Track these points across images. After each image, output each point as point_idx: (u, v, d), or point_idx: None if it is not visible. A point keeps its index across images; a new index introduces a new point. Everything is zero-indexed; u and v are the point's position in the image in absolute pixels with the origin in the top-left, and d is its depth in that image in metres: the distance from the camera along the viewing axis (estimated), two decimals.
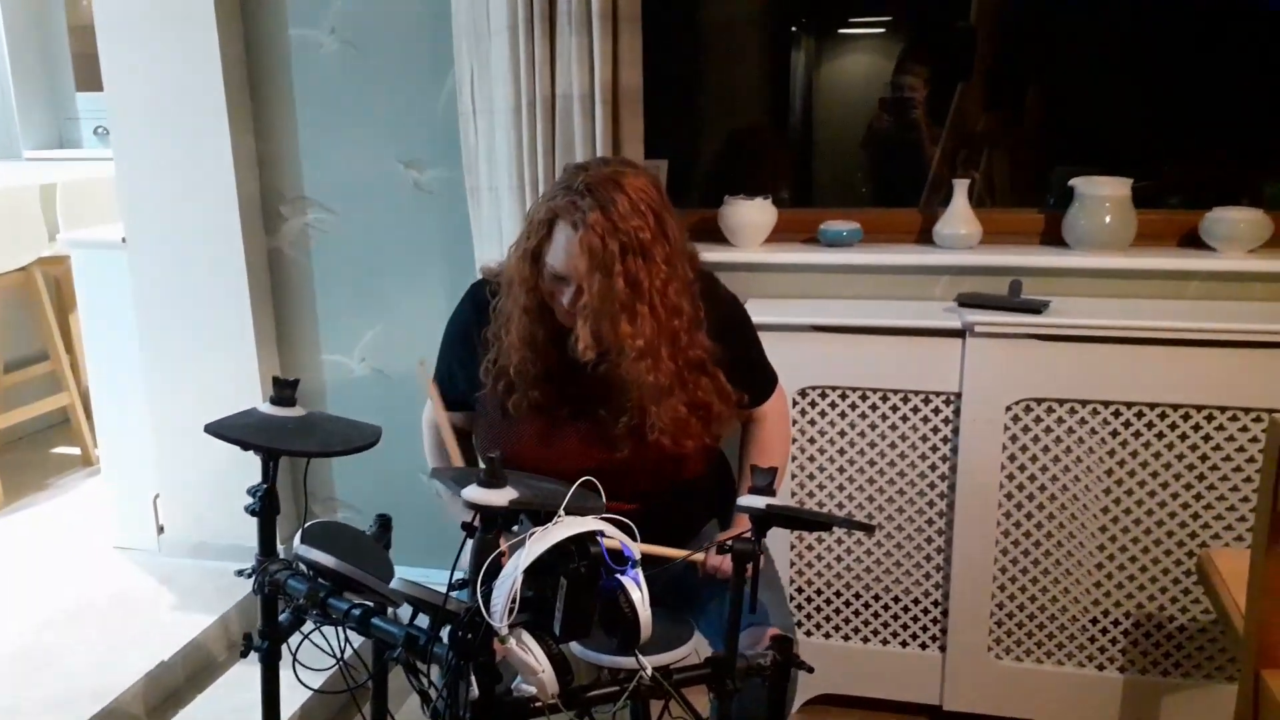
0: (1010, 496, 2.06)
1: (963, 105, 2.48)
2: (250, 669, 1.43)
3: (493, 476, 1.07)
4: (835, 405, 2.11)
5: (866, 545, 2.16)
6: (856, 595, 2.20)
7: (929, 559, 2.14)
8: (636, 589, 1.10)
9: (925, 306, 2.14)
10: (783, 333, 2.04)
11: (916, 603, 2.17)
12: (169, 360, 2.56)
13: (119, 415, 2.70)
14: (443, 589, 1.14)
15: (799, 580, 2.22)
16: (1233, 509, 1.97)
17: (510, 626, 1.04)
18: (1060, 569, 2.07)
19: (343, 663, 1.32)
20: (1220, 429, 1.94)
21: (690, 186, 2.57)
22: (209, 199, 2.42)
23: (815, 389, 2.11)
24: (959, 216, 2.21)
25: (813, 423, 2.13)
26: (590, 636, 1.13)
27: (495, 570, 1.06)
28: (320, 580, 1.28)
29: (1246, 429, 1.93)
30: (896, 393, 2.07)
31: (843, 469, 2.14)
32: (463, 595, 1.11)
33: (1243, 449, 1.94)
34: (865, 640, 2.22)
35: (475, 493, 1.07)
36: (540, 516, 1.09)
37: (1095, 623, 2.09)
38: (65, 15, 4.58)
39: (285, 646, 1.35)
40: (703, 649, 1.49)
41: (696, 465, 1.65)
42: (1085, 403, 1.98)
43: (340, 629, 1.27)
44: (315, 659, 1.31)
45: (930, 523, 2.12)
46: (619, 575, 1.10)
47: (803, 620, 2.24)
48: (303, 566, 1.30)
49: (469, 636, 1.06)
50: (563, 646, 1.09)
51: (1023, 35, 2.48)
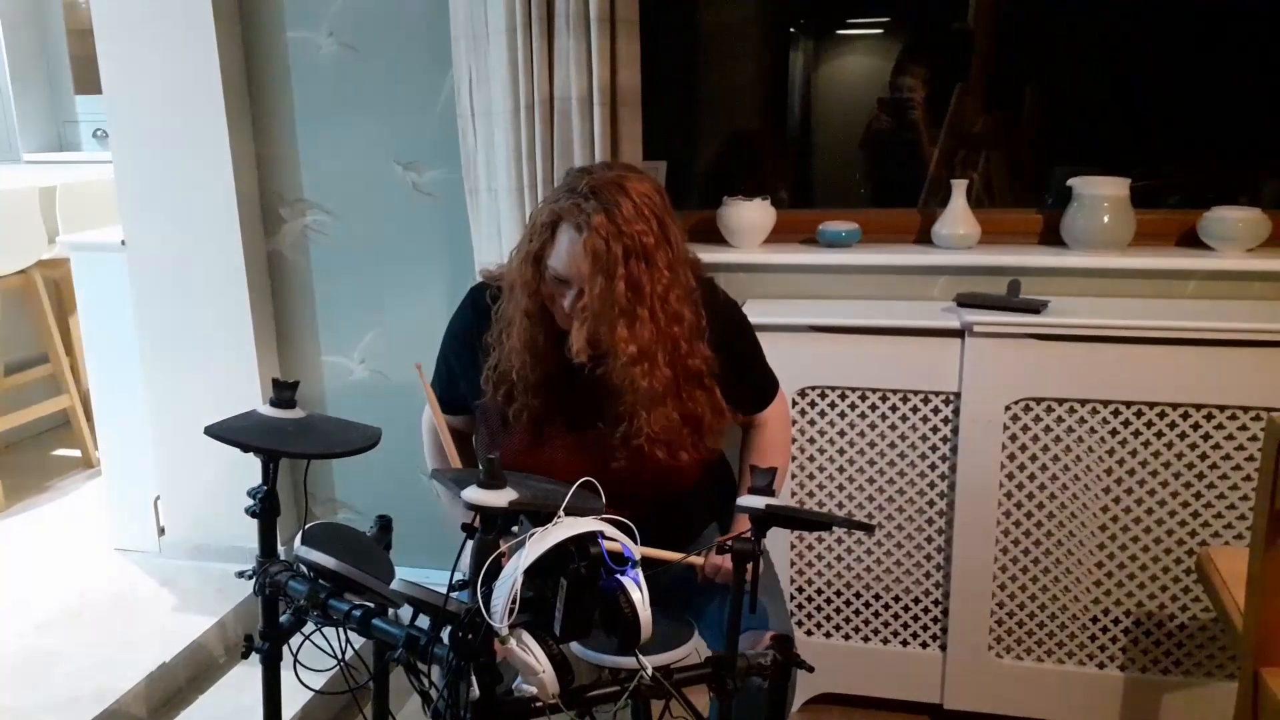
0: (1010, 496, 2.06)
1: (961, 106, 2.49)
2: (251, 670, 1.44)
3: (492, 477, 1.08)
4: (835, 405, 2.11)
5: (866, 545, 2.17)
6: (857, 595, 2.20)
7: (929, 558, 2.14)
8: (637, 589, 1.10)
9: (924, 306, 2.14)
10: (782, 333, 2.04)
11: (917, 602, 2.17)
12: (169, 362, 2.56)
13: (119, 417, 2.70)
14: (443, 590, 1.14)
15: (799, 580, 2.22)
16: (1232, 507, 1.97)
17: (510, 627, 1.04)
18: (1060, 568, 2.07)
19: (344, 664, 1.32)
20: (1219, 428, 1.94)
21: (689, 187, 2.57)
22: (208, 201, 2.43)
23: (814, 389, 2.11)
24: (957, 217, 2.21)
25: (812, 423, 2.13)
26: (591, 636, 1.13)
27: (495, 571, 1.06)
28: (321, 581, 1.28)
29: (1246, 428, 1.93)
30: (896, 393, 2.07)
31: (842, 469, 2.14)
32: (463, 596, 1.11)
33: (1242, 448, 1.94)
34: (866, 639, 2.22)
35: (475, 494, 1.07)
36: (540, 517, 1.09)
37: (1095, 621, 2.09)
38: (64, 18, 4.59)
39: (286, 648, 1.35)
40: (703, 650, 1.49)
41: (692, 476, 1.64)
42: (1084, 402, 1.99)
43: (341, 630, 1.27)
44: (316, 660, 1.31)
45: (930, 522, 2.12)
46: (619, 575, 1.10)
47: (803, 620, 2.24)
48: (303, 568, 1.30)
49: (469, 637, 1.06)
50: (563, 647, 1.09)
51: (1020, 36, 2.48)
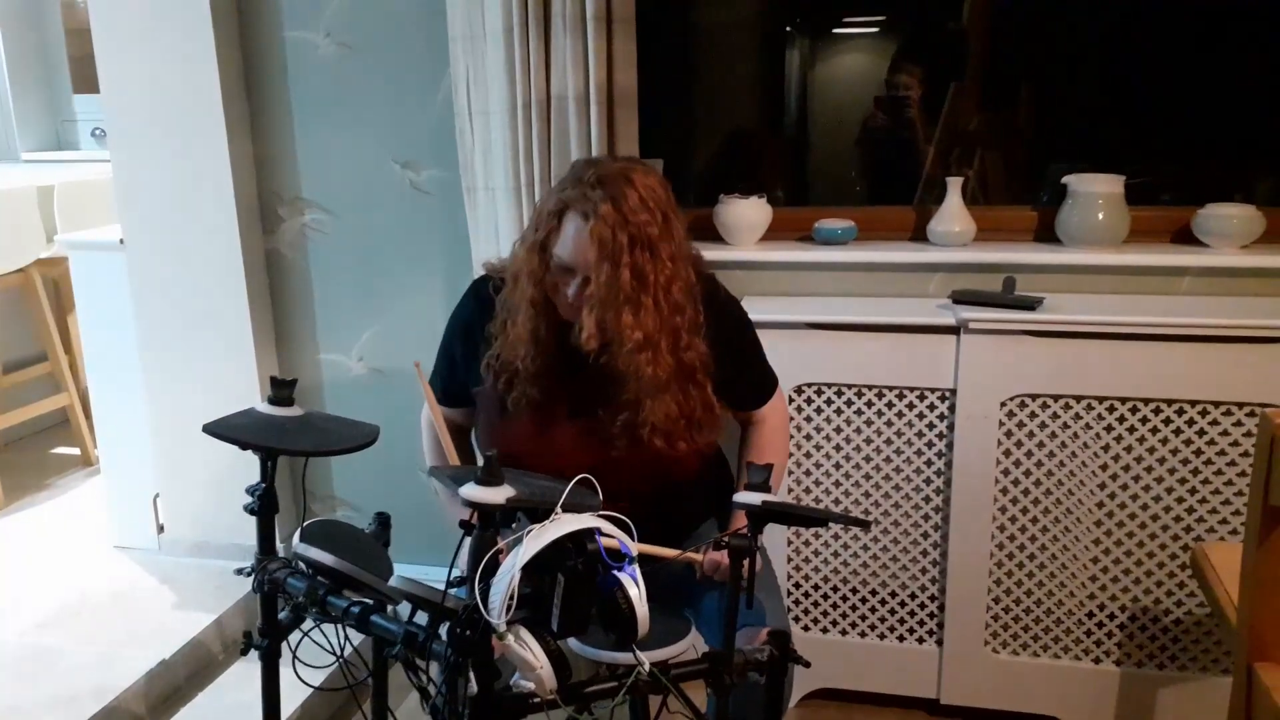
0: (1005, 491, 2.07)
1: (956, 103, 2.49)
2: (251, 667, 1.44)
3: (490, 474, 1.08)
4: (831, 402, 2.12)
5: (863, 540, 2.17)
6: (853, 590, 2.21)
7: (925, 554, 2.15)
8: (634, 585, 1.10)
9: (920, 304, 2.15)
10: (778, 330, 2.04)
11: (913, 597, 2.18)
12: (168, 360, 2.57)
13: (118, 415, 2.70)
14: (441, 586, 1.15)
15: (796, 576, 2.23)
16: (1227, 503, 1.98)
17: (508, 623, 1.05)
18: (1056, 563, 2.08)
19: (342, 660, 1.32)
20: (1214, 424, 1.95)
21: (685, 186, 2.56)
22: (206, 200, 2.43)
23: (811, 386, 2.12)
24: (953, 214, 2.22)
25: (809, 420, 2.14)
26: (588, 633, 1.14)
27: (493, 567, 1.07)
28: (319, 578, 1.28)
29: (1240, 423, 1.94)
30: (891, 389, 2.08)
31: (839, 465, 2.15)
32: (461, 592, 1.12)
33: (1236, 443, 1.95)
34: (862, 635, 2.23)
35: (473, 491, 1.07)
36: (537, 514, 1.10)
37: (1091, 616, 2.10)
38: (62, 17, 4.58)
39: (285, 644, 1.36)
40: (700, 646, 1.50)
41: (690, 467, 1.66)
42: (1079, 398, 1.99)
43: (340, 627, 1.28)
44: (315, 657, 1.32)
45: (926, 518, 2.13)
46: (616, 572, 1.10)
47: (800, 615, 2.25)
48: (302, 565, 1.31)
49: (467, 633, 1.07)
50: (561, 643, 1.10)
51: (1015, 34, 2.48)
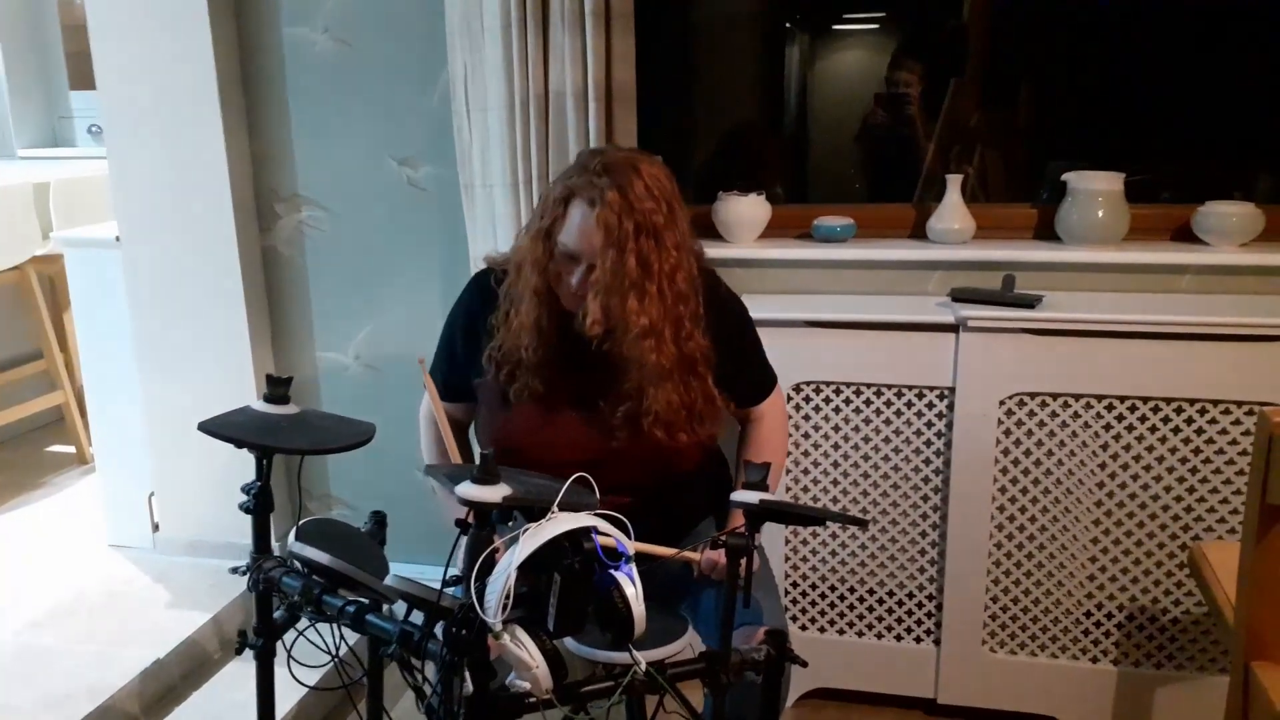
0: (1004, 490, 2.07)
1: (956, 101, 2.49)
2: (246, 666, 1.44)
3: (486, 473, 1.08)
4: (829, 400, 2.11)
5: (861, 540, 2.17)
6: (851, 589, 2.21)
7: (923, 553, 2.14)
8: (630, 584, 1.10)
9: (919, 301, 2.14)
10: (777, 328, 2.04)
11: (911, 596, 2.18)
12: (163, 358, 2.56)
13: (113, 413, 2.69)
14: (437, 585, 1.14)
15: (794, 575, 2.22)
16: (1225, 502, 1.98)
17: (504, 622, 1.05)
18: (1054, 562, 2.08)
19: (338, 660, 1.32)
20: (1213, 422, 1.95)
21: (684, 182, 2.51)
22: (203, 197, 2.42)
23: (809, 384, 2.11)
24: (952, 211, 2.22)
25: (807, 418, 2.13)
26: (584, 632, 1.13)
27: (489, 566, 1.06)
28: (315, 577, 1.28)
29: (1239, 422, 1.93)
30: (890, 388, 2.07)
31: (837, 464, 2.14)
32: (457, 592, 1.11)
33: (1235, 442, 1.94)
34: (860, 634, 2.22)
35: (469, 489, 1.07)
36: (534, 513, 1.09)
37: (1089, 615, 2.09)
38: (58, 14, 4.56)
39: (280, 644, 1.35)
40: (697, 645, 1.49)
41: (690, 459, 1.66)
42: (1078, 396, 1.99)
43: (335, 626, 1.28)
44: (310, 656, 1.31)
45: (924, 517, 2.12)
46: (613, 571, 1.10)
47: (797, 615, 2.24)
48: (297, 564, 1.30)
49: (463, 633, 1.06)
50: (557, 642, 1.09)
51: (1015, 31, 2.48)
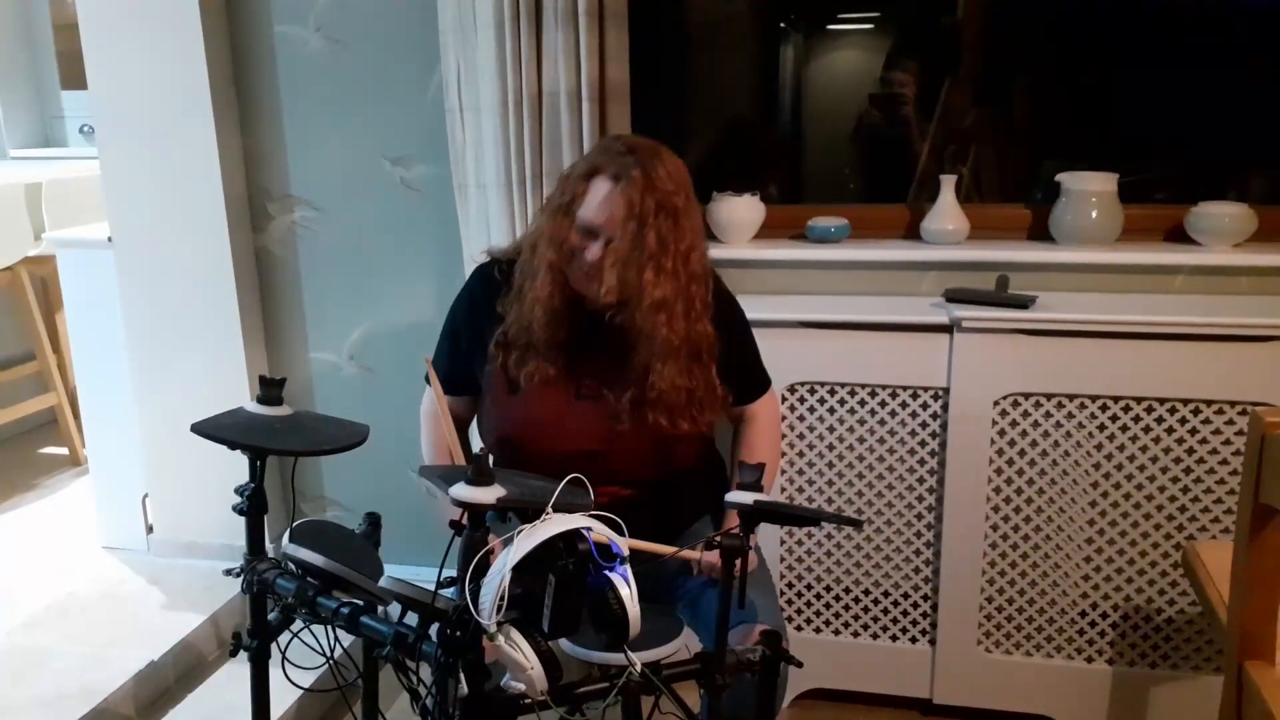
0: (999, 490, 2.07)
1: (950, 101, 2.49)
2: (240, 668, 1.44)
3: (480, 474, 1.07)
4: (824, 401, 2.11)
5: (856, 540, 2.17)
6: (846, 590, 2.21)
7: (918, 553, 2.14)
8: (625, 585, 1.10)
9: (913, 302, 2.14)
10: (771, 329, 2.03)
11: (906, 597, 2.18)
12: (156, 359, 2.55)
13: (106, 415, 2.68)
14: (432, 587, 1.14)
15: (789, 575, 2.22)
16: (1219, 501, 1.98)
17: (499, 624, 1.04)
18: (1049, 562, 2.08)
19: (332, 661, 1.31)
20: (1206, 422, 1.95)
21: None
22: (195, 197, 2.41)
23: (804, 385, 2.11)
24: (946, 212, 2.22)
25: (801, 419, 2.13)
26: (579, 633, 1.13)
27: (484, 568, 1.06)
28: (309, 579, 1.27)
29: (1232, 422, 1.94)
30: (885, 388, 2.07)
31: (832, 464, 2.14)
32: (452, 593, 1.11)
33: (1229, 442, 1.95)
34: (855, 635, 2.22)
35: (463, 491, 1.06)
36: (528, 514, 1.09)
37: (1084, 615, 2.10)
38: (50, 13, 4.55)
39: (275, 645, 1.35)
40: (693, 645, 1.49)
41: (689, 451, 1.70)
42: (1072, 397, 1.99)
43: (329, 628, 1.27)
44: (305, 658, 1.31)
45: (919, 517, 2.13)
46: (607, 572, 1.10)
47: (793, 615, 2.24)
48: (291, 565, 1.30)
49: (458, 634, 1.06)
50: (551, 643, 1.09)
51: (1009, 31, 2.48)
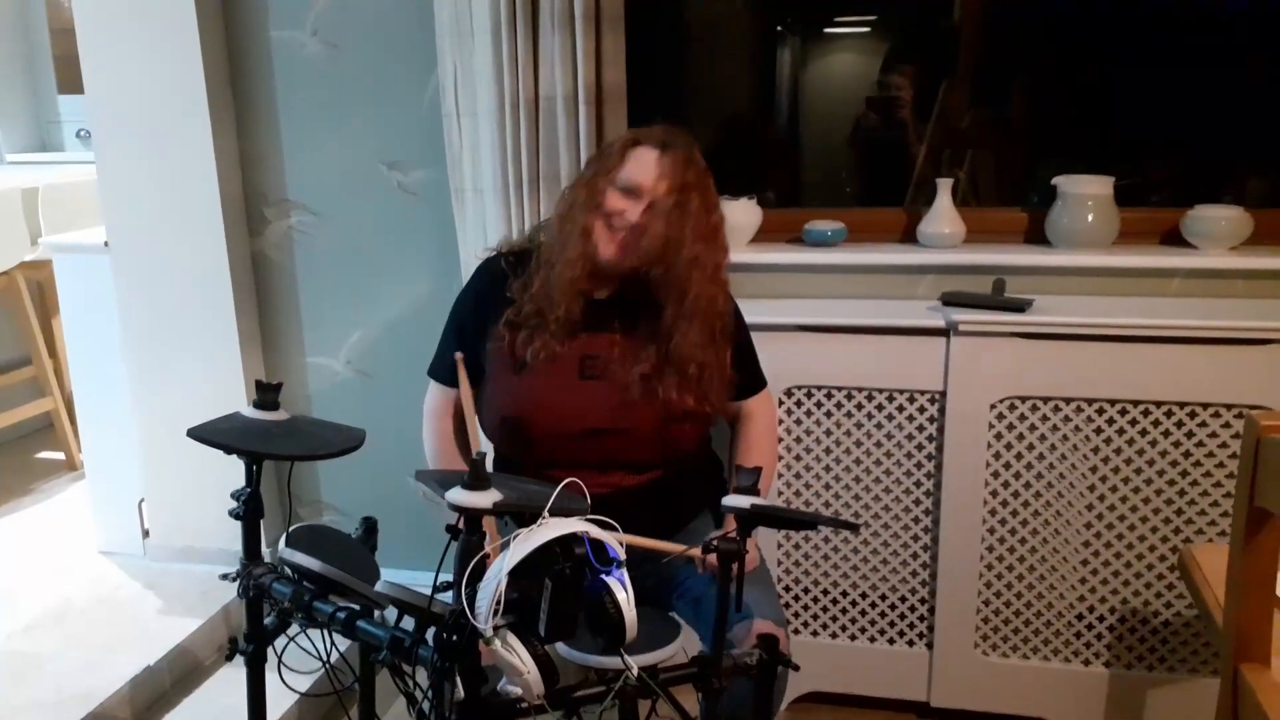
0: (995, 494, 2.07)
1: (947, 104, 2.49)
2: (237, 672, 1.43)
3: (477, 479, 1.07)
4: (821, 405, 2.11)
5: (853, 543, 2.17)
6: (843, 593, 2.21)
7: (915, 556, 2.14)
8: (621, 589, 1.10)
9: (909, 306, 2.14)
10: (768, 333, 2.03)
11: (903, 600, 2.18)
12: (153, 364, 2.54)
13: (103, 419, 2.68)
14: (428, 591, 1.14)
15: (786, 579, 2.22)
16: (1215, 504, 1.98)
17: (495, 628, 1.04)
18: (1045, 565, 2.08)
19: (329, 666, 1.31)
20: (1202, 425, 1.95)
21: None
22: (192, 202, 2.41)
23: (800, 388, 2.11)
24: (943, 216, 2.22)
25: (798, 422, 2.13)
26: (576, 637, 1.13)
27: (480, 572, 1.06)
28: (305, 583, 1.27)
29: (1229, 425, 1.94)
30: (881, 392, 2.08)
31: (828, 468, 2.14)
32: (448, 597, 1.11)
33: (1225, 445, 1.95)
34: (852, 638, 2.22)
35: (459, 495, 1.06)
36: (525, 518, 1.09)
37: (1081, 618, 2.10)
38: (46, 17, 4.55)
39: (271, 650, 1.35)
40: (692, 646, 1.49)
41: (692, 434, 1.73)
42: (1069, 400, 1.99)
43: (326, 632, 1.27)
44: (301, 662, 1.31)
45: (916, 520, 2.13)
46: (604, 575, 1.10)
47: (790, 619, 2.24)
48: (288, 570, 1.30)
49: (454, 638, 1.06)
50: (548, 647, 1.09)
51: (1006, 34, 2.49)
